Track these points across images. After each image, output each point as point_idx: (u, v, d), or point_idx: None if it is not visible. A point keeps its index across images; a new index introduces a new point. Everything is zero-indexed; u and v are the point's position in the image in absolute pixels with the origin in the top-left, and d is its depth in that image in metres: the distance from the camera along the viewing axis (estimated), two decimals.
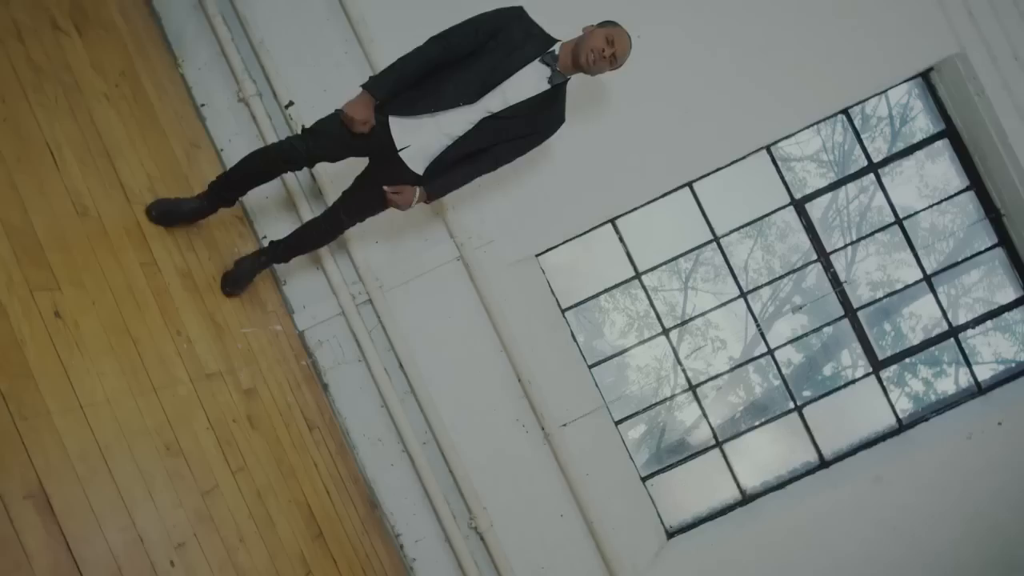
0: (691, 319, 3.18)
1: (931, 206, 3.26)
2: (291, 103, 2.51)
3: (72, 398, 1.23)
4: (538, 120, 1.87)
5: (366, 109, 1.75)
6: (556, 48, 1.80)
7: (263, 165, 1.87)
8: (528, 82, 1.78)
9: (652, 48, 2.47)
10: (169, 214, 1.82)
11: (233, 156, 2.46)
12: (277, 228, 2.47)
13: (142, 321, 1.56)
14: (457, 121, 1.80)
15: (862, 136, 2.80)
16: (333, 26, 2.51)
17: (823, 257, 2.74)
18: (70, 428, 1.20)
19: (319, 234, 2.10)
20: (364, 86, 1.76)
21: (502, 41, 1.77)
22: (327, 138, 1.81)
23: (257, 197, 2.48)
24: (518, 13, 1.81)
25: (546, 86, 1.81)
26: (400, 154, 1.83)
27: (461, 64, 1.77)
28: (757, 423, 2.85)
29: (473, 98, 1.77)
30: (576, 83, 1.93)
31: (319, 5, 2.51)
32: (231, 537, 1.51)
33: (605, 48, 1.73)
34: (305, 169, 2.30)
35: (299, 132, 1.87)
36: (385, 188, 1.86)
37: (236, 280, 2.06)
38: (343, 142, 1.82)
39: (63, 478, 1.13)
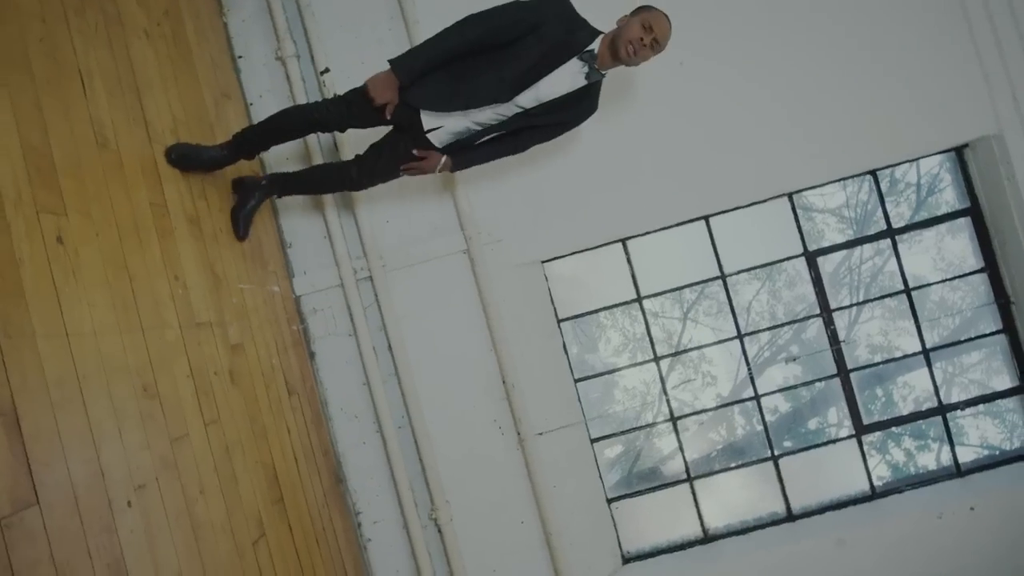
0: (685, 351, 3.18)
1: (943, 281, 3.24)
2: (327, 70, 2.51)
3: (59, 324, 1.24)
4: (569, 112, 1.86)
5: (390, 90, 1.74)
6: (595, 45, 1.76)
7: (297, 123, 1.89)
8: (564, 79, 1.77)
9: (695, 74, 2.47)
10: (187, 158, 1.83)
11: (261, 112, 2.46)
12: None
13: (142, 260, 1.56)
14: (487, 114, 1.81)
15: (886, 199, 2.79)
16: (382, 0, 2.51)
17: (826, 312, 2.73)
18: (52, 353, 1.20)
19: (326, 179, 2.10)
20: (391, 63, 1.74)
21: (542, 36, 1.72)
22: (359, 107, 1.82)
23: (277, 156, 2.49)
24: (562, 3, 1.77)
25: (582, 83, 1.80)
26: (428, 136, 1.85)
27: (496, 57, 1.73)
28: (732, 465, 2.85)
29: (507, 97, 1.77)
30: (611, 89, 1.93)
31: None
32: (192, 487, 1.51)
33: (644, 36, 1.70)
34: (333, 132, 2.33)
35: (331, 97, 1.89)
36: (415, 152, 1.87)
37: (239, 215, 2.05)
38: (373, 113, 1.82)
39: (36, 401, 1.14)
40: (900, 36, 2.48)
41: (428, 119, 1.82)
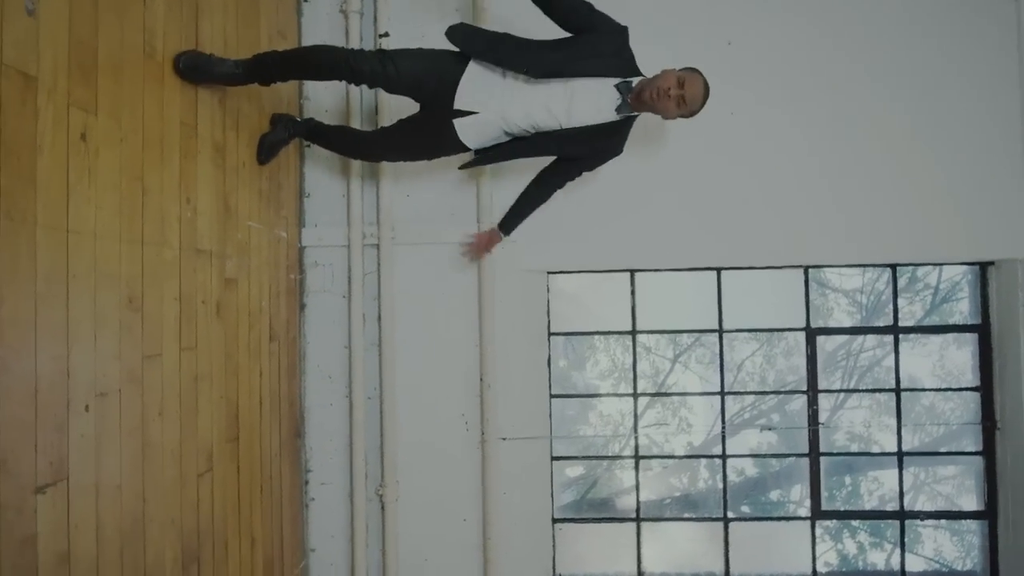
0: (666, 394, 3.17)
1: (936, 389, 3.22)
2: (387, 34, 2.51)
3: (63, 219, 1.25)
4: (596, 144, 1.88)
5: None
6: (634, 81, 1.80)
7: (325, 62, 1.80)
8: (596, 100, 1.79)
9: (744, 126, 2.46)
10: (197, 70, 1.67)
11: None
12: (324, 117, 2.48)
13: (159, 175, 1.57)
14: (517, 112, 1.79)
15: (902, 295, 2.77)
16: None
17: (812, 391, 2.72)
18: (49, 245, 1.21)
19: (347, 142, 2.16)
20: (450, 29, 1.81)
21: (592, 42, 1.77)
22: (398, 71, 1.77)
23: (316, 109, 2.49)
24: (621, 30, 1.81)
25: (613, 115, 1.81)
26: (454, 121, 1.83)
27: (546, 42, 1.79)
28: (683, 516, 2.84)
29: (537, 72, 1.76)
30: (654, 126, 1.93)
31: None
32: (152, 407, 1.52)
33: (672, 88, 1.70)
34: (371, 93, 2.39)
35: (374, 50, 1.88)
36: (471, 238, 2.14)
37: (264, 145, 2.10)
38: (410, 82, 1.80)
39: (21, 288, 1.14)
40: (955, 139, 2.47)
41: (464, 91, 1.79)
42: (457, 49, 1.81)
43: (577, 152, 1.90)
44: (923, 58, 2.46)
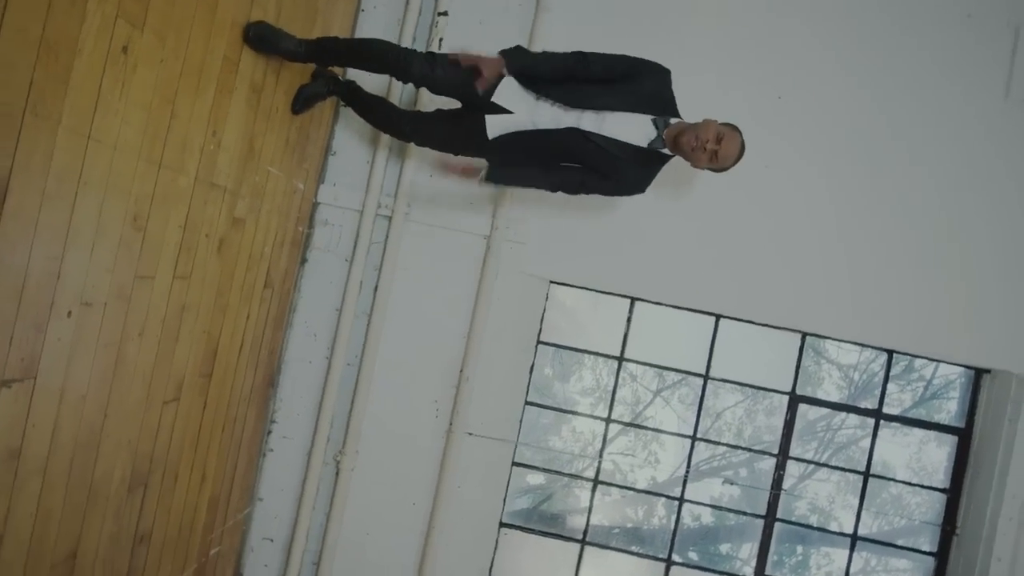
0: (638, 426, 3.17)
1: (905, 483, 3.21)
2: (445, 13, 2.51)
3: (87, 125, 1.25)
4: (620, 169, 1.85)
5: (491, 68, 1.78)
6: (673, 120, 1.80)
7: (377, 56, 1.88)
8: (630, 129, 1.79)
9: (776, 181, 2.46)
10: (265, 41, 1.80)
11: (366, 24, 2.47)
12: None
13: (191, 103, 1.57)
14: (548, 116, 1.81)
15: (893, 381, 2.77)
16: None
17: (782, 456, 2.71)
18: (67, 147, 1.21)
19: (381, 115, 2.16)
20: (502, 54, 1.78)
21: (630, 83, 1.78)
22: (443, 72, 1.83)
23: (360, 75, 2.47)
24: (663, 71, 1.81)
25: (643, 143, 1.81)
26: (487, 121, 1.85)
27: (592, 85, 1.80)
28: (629, 548, 2.84)
29: (570, 103, 1.78)
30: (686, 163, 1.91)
31: None
32: (133, 327, 1.53)
33: (709, 141, 1.70)
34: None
35: (424, 52, 1.90)
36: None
37: (302, 96, 2.12)
38: (453, 84, 1.84)
39: (31, 184, 1.15)
40: (978, 244, 2.46)
41: (499, 96, 1.81)
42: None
43: (601, 167, 1.85)
44: (966, 163, 2.45)
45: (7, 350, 1.17)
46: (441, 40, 2.49)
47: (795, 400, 2.70)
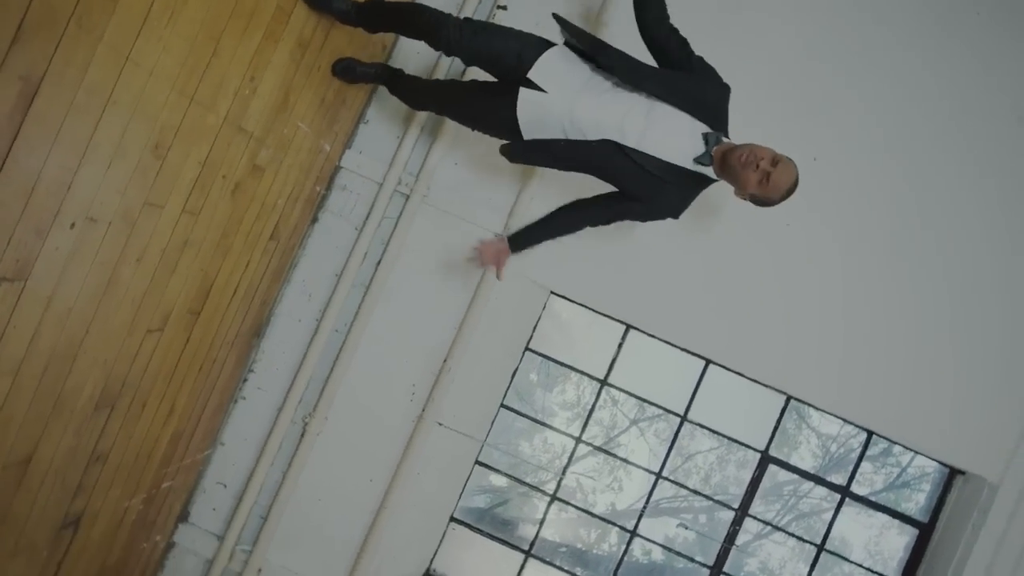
0: (606, 452, 3.16)
1: (857, 564, 3.19)
2: (505, 7, 2.50)
3: (128, 45, 1.26)
4: (655, 190, 1.66)
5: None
6: (725, 139, 1.64)
7: (417, 21, 1.81)
8: (677, 137, 1.61)
9: (795, 239, 2.45)
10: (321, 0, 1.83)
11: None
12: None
13: (235, 44, 1.58)
14: (590, 110, 1.63)
15: (869, 460, 2.76)
16: None
17: (741, 512, 2.70)
18: (104, 63, 1.22)
19: (419, 91, 2.11)
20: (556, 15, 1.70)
21: (697, 81, 1.63)
22: (475, 44, 1.73)
23: (408, 51, 2.48)
24: (726, 88, 1.68)
25: (688, 162, 1.63)
26: (520, 94, 1.69)
27: (649, 67, 1.68)
28: (573, 569, 2.84)
29: (629, 79, 1.60)
30: (711, 203, 1.89)
31: None
32: (133, 251, 1.54)
33: (762, 162, 1.52)
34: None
35: (462, 19, 1.79)
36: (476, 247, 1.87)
37: (351, 68, 2.12)
38: (487, 57, 1.75)
39: (62, 92, 1.16)
40: (978, 348, 2.44)
41: (540, 69, 1.66)
42: (549, 39, 1.74)
43: (635, 185, 1.66)
44: (985, 272, 2.44)
45: (4, 248, 1.18)
46: (471, 18, 2.47)
47: (766, 459, 2.69)
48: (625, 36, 2.38)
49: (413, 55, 2.50)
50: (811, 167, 2.47)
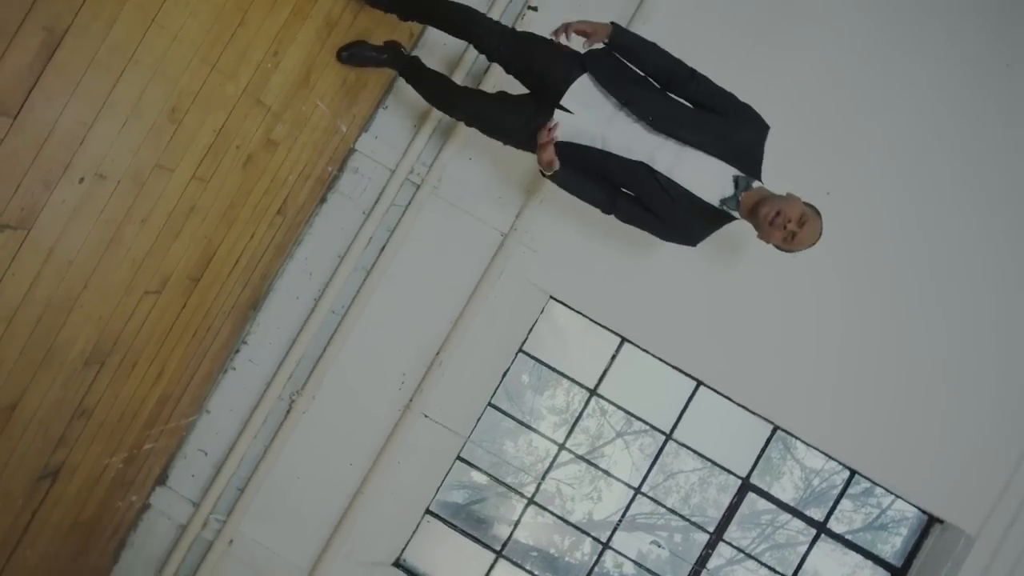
0: (588, 461, 3.16)
1: None
2: (536, 8, 2.50)
3: (156, 7, 1.26)
4: (679, 218, 1.66)
5: (597, 32, 1.59)
6: (755, 184, 1.63)
7: (457, 20, 1.82)
8: (704, 178, 1.60)
9: (797, 271, 2.43)
10: None
11: None
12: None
13: (262, 17, 1.58)
14: (621, 138, 1.63)
15: (849, 499, 2.76)
16: None
17: (715, 536, 2.70)
18: (129, 22, 1.22)
19: (441, 92, 2.05)
20: (613, 23, 1.63)
21: (732, 124, 1.61)
22: (521, 50, 1.74)
23: (433, 42, 2.48)
24: (764, 128, 1.65)
25: (715, 203, 1.63)
26: (556, 112, 1.68)
27: (680, 102, 1.65)
28: (541, 574, 2.84)
29: (655, 123, 1.59)
30: (729, 233, 1.85)
31: None
32: (139, 212, 1.54)
33: (792, 222, 1.52)
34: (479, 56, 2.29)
35: (504, 28, 1.79)
36: (548, 127, 1.61)
37: (359, 53, 2.02)
38: (523, 67, 1.76)
39: (85, 46, 1.16)
40: (969, 401, 2.43)
41: (574, 94, 1.66)
42: (588, 56, 1.70)
43: (662, 209, 1.65)
44: (987, 329, 2.43)
45: (11, 196, 1.18)
46: (514, 27, 2.47)
47: (746, 487, 2.69)
48: (667, 31, 2.35)
49: (439, 46, 2.50)
50: (823, 201, 2.45)
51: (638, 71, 1.69)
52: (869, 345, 2.45)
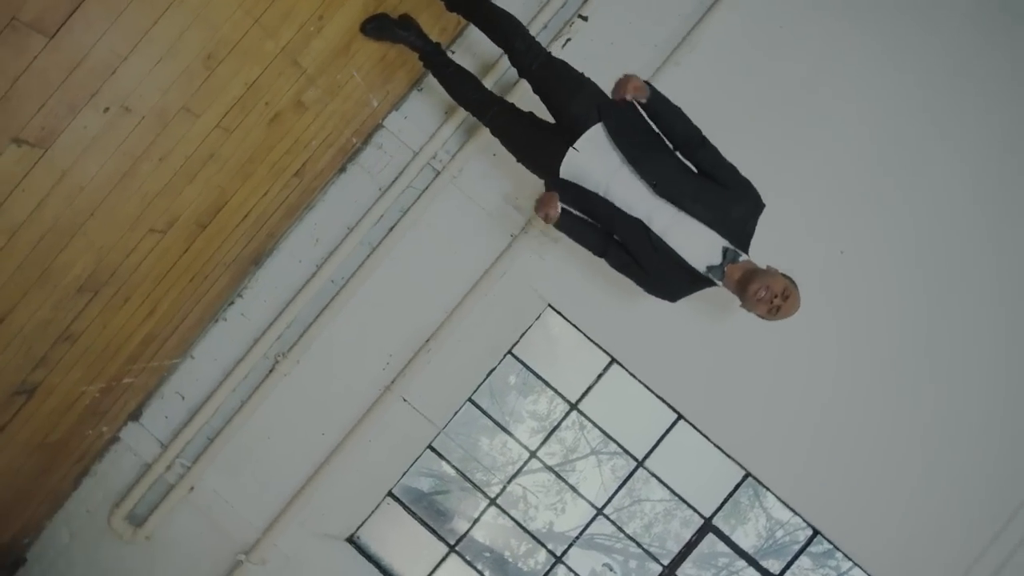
0: (556, 473, 3.17)
1: None
2: (586, 18, 2.49)
3: None
4: (664, 276, 1.73)
5: (635, 89, 1.62)
6: (743, 256, 1.70)
7: (501, 28, 1.86)
8: (695, 246, 1.67)
9: (797, 324, 2.41)
10: None
11: None
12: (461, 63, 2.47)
13: None
14: (623, 193, 1.69)
15: (808, 557, 2.74)
16: (676, 16, 2.46)
17: (669, 570, 2.70)
18: None
19: (468, 92, 2.04)
20: (649, 84, 1.67)
21: (730, 198, 1.67)
22: (548, 77, 1.79)
23: (470, 43, 2.47)
24: (759, 206, 1.71)
25: (702, 269, 1.70)
26: (569, 151, 1.75)
27: (689, 169, 1.72)
28: (492, 575, 2.85)
29: (658, 187, 1.67)
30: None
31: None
32: (158, 149, 1.55)
33: (776, 297, 1.60)
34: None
35: (541, 49, 1.82)
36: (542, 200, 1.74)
37: (385, 27, 1.97)
38: (548, 94, 1.80)
39: None
40: (944, 484, 2.42)
41: (588, 139, 1.73)
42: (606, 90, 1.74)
43: (650, 265, 1.72)
44: (976, 416, 2.41)
45: (34, 113, 1.19)
46: (568, 40, 2.48)
47: (707, 527, 2.68)
48: (694, 83, 2.38)
49: (477, 41, 2.49)
50: (836, 259, 2.45)
51: (654, 127, 1.76)
52: (853, 412, 2.44)
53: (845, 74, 2.42)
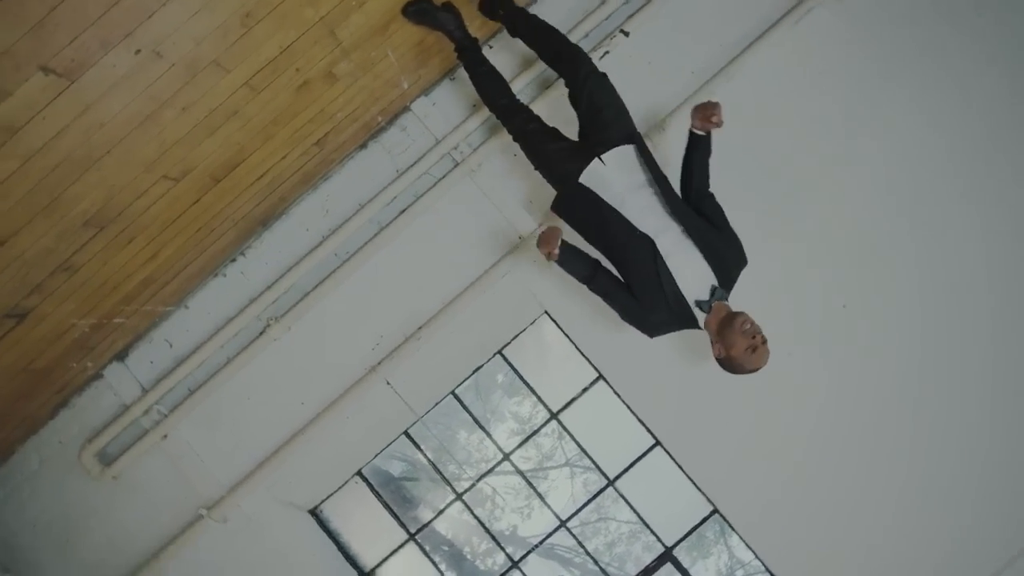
0: (526, 479, 3.17)
1: None
2: (627, 33, 2.49)
3: None
4: (655, 302, 1.77)
5: (718, 120, 1.74)
6: (726, 298, 1.77)
7: (551, 44, 1.94)
8: (691, 276, 1.75)
9: (784, 372, 2.37)
10: None
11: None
12: (497, 61, 2.44)
13: None
14: (639, 207, 1.78)
15: None
16: (719, 45, 2.45)
17: None
18: None
19: (497, 89, 2.07)
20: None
21: (727, 241, 1.81)
22: (602, 92, 1.87)
23: (506, 43, 2.45)
24: (743, 260, 1.84)
25: (691, 301, 1.76)
26: (591, 164, 1.82)
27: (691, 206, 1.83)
28: (447, 570, 2.85)
29: (674, 208, 1.78)
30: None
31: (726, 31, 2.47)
32: (182, 100, 1.55)
33: (757, 337, 1.66)
34: (552, 75, 2.35)
35: (593, 66, 1.90)
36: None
37: (426, 11, 1.96)
38: (592, 111, 1.86)
39: None
40: (913, 548, 2.41)
41: (613, 156, 1.82)
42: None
43: (644, 287, 1.78)
44: (965, 489, 2.40)
45: (66, 44, 1.20)
46: (606, 53, 2.47)
47: (667, 556, 2.68)
48: (751, 90, 2.38)
49: (516, 40, 2.48)
50: (837, 312, 2.45)
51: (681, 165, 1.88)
52: (829, 467, 2.43)
53: (878, 125, 2.41)
